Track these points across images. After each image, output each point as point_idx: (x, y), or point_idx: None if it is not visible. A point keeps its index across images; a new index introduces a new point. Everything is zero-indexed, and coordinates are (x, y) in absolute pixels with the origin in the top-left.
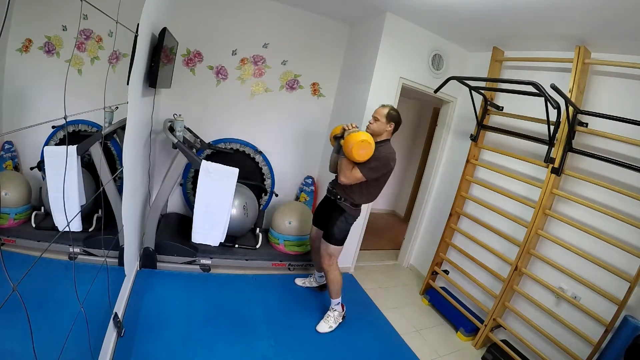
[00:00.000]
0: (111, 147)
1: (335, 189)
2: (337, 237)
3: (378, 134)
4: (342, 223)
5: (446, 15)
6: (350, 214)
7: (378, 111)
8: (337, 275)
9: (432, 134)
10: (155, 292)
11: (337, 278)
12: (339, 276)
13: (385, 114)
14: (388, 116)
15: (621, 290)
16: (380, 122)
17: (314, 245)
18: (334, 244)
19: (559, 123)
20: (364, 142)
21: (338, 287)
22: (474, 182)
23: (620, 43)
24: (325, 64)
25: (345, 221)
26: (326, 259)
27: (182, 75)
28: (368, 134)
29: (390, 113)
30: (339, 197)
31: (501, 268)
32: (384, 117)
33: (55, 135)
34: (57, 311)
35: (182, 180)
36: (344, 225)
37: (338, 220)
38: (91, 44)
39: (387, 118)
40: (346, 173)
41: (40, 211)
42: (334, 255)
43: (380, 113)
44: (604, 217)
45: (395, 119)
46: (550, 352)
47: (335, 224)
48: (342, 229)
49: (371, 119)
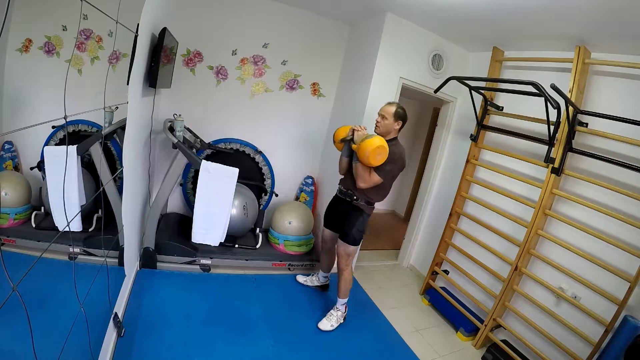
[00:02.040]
0: (111, 147)
1: (350, 190)
2: (356, 237)
3: (386, 133)
4: (361, 224)
5: (446, 15)
6: (367, 212)
7: (385, 109)
8: (351, 275)
9: (432, 134)
10: (155, 292)
11: (350, 278)
12: (351, 277)
13: (393, 113)
14: (396, 114)
15: (621, 290)
16: (388, 120)
17: (325, 247)
18: (353, 244)
19: (559, 123)
20: (380, 148)
21: (349, 287)
22: (474, 182)
23: (620, 43)
24: (325, 64)
25: (363, 221)
26: (344, 258)
27: (182, 75)
28: (381, 138)
29: (397, 111)
30: (355, 198)
31: (501, 268)
32: (392, 115)
33: (55, 135)
34: (57, 311)
35: (182, 180)
36: (362, 225)
37: (357, 221)
38: (91, 44)
39: (395, 116)
40: (365, 178)
41: (40, 211)
42: (352, 254)
43: (387, 111)
44: (604, 217)
45: (402, 117)
46: (550, 352)
47: (354, 225)
48: (360, 229)
49: (378, 117)
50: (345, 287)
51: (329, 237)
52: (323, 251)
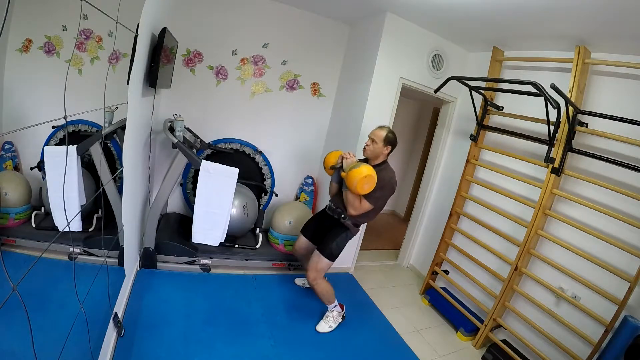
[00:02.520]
0: (111, 147)
1: (339, 208)
2: (334, 252)
3: (375, 157)
4: (343, 240)
5: (446, 15)
6: (352, 232)
7: (376, 133)
8: (325, 285)
9: (432, 134)
10: (155, 292)
11: (325, 289)
12: (327, 285)
13: (384, 138)
14: (386, 139)
15: (621, 290)
16: (377, 145)
17: (299, 255)
18: (330, 258)
19: (559, 123)
20: (368, 177)
21: (329, 295)
22: (474, 182)
23: (620, 43)
24: (325, 64)
25: (346, 238)
26: (313, 273)
27: (182, 75)
28: (369, 167)
29: (388, 136)
30: (343, 217)
31: (501, 268)
32: (382, 140)
33: (55, 135)
34: (57, 311)
35: (182, 180)
36: (343, 242)
37: (339, 237)
38: (91, 44)
39: (385, 141)
40: (355, 206)
41: (40, 211)
42: (323, 270)
43: (378, 136)
44: (604, 217)
45: (392, 142)
46: (550, 352)
47: (335, 240)
48: (341, 245)
49: (368, 140)
50: (325, 296)
51: (304, 245)
52: (299, 257)
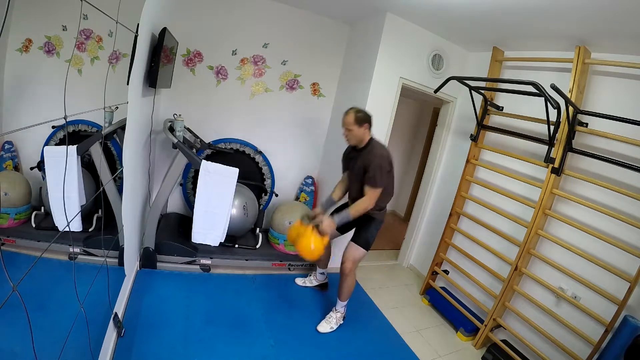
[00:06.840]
0: (111, 147)
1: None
2: (370, 241)
3: (360, 141)
4: (374, 229)
5: (446, 15)
6: (379, 218)
7: (345, 121)
8: (353, 280)
9: (432, 134)
10: (155, 292)
11: (353, 282)
12: (355, 281)
13: (354, 120)
14: (357, 120)
15: (621, 290)
16: (353, 130)
17: None
18: (365, 247)
19: (559, 123)
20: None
21: (351, 291)
22: (474, 182)
23: (620, 43)
24: (325, 64)
25: (377, 226)
26: (350, 263)
27: (182, 75)
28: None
29: (357, 117)
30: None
31: (501, 268)
32: (354, 124)
33: (55, 135)
34: (57, 311)
35: (182, 180)
36: (375, 231)
37: (371, 227)
38: (91, 44)
39: (358, 122)
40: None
41: (40, 211)
42: (359, 259)
43: (348, 122)
44: (604, 217)
45: (364, 119)
46: (550, 352)
47: (369, 230)
48: (374, 234)
49: (344, 131)
50: (347, 291)
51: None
52: None
